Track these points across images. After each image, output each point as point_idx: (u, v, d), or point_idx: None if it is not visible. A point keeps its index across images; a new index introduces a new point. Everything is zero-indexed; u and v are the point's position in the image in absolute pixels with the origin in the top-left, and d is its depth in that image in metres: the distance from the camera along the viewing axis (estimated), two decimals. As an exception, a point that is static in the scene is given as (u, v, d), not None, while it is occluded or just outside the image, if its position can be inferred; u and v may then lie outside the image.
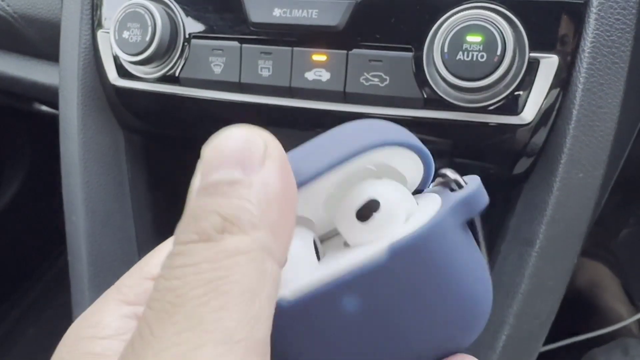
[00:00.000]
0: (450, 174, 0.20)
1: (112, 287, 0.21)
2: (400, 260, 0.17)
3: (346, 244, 0.20)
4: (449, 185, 0.20)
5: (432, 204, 0.19)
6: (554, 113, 0.35)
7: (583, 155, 0.35)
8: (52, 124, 0.74)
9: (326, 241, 0.21)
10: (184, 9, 0.43)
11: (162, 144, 0.52)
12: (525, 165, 0.38)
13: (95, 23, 0.47)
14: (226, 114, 0.43)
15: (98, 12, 0.46)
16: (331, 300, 0.17)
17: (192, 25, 0.43)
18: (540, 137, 0.36)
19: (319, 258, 0.20)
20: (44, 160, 0.96)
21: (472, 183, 0.19)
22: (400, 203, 0.19)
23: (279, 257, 0.16)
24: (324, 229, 0.21)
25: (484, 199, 0.19)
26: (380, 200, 0.18)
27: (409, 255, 0.17)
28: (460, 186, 0.20)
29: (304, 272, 0.18)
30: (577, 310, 0.84)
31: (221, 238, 0.15)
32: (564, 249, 0.36)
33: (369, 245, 0.18)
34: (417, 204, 0.20)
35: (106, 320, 0.19)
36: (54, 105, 0.63)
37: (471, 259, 0.18)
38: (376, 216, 0.18)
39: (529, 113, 0.35)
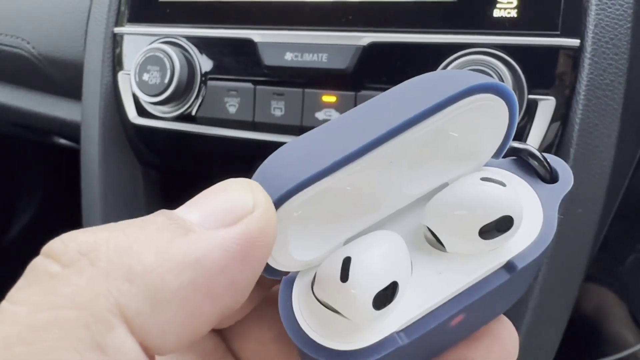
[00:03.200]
0: (535, 151, 0.18)
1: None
2: (517, 275, 0.16)
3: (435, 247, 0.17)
4: (532, 167, 0.18)
5: (532, 202, 0.17)
6: (553, 151, 0.37)
7: (581, 192, 0.37)
8: (66, 155, 0.77)
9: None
10: (200, 53, 0.45)
11: (178, 179, 0.54)
12: (526, 199, 0.40)
13: (115, 65, 0.49)
14: (240, 151, 0.45)
15: (119, 55, 0.49)
16: (443, 326, 0.16)
17: (208, 68, 0.45)
18: (540, 173, 0.38)
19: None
20: (58, 189, 0.98)
21: (565, 173, 0.17)
22: (523, 216, 0.16)
23: (138, 321, 0.12)
24: (392, 205, 0.18)
25: (570, 176, 0.18)
26: (514, 218, 0.16)
27: (526, 269, 0.16)
28: (546, 168, 0.18)
29: (409, 297, 0.16)
30: (583, 337, 0.84)
31: (67, 265, 0.12)
32: (566, 282, 0.38)
33: (484, 259, 0.16)
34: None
35: None
36: (73, 138, 0.65)
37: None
38: (505, 234, 0.16)
39: (529, 151, 0.37)
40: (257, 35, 0.43)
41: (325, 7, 0.42)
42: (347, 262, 0.15)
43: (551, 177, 0.18)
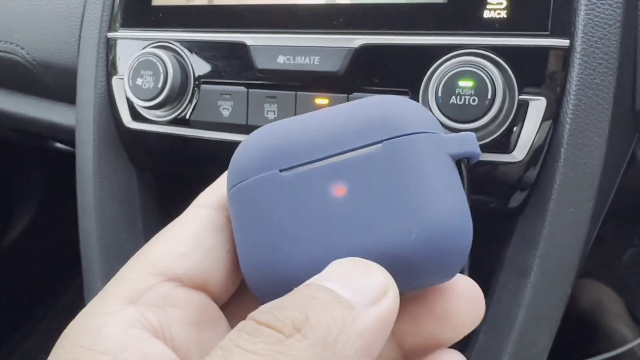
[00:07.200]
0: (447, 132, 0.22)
1: (114, 280, 0.21)
2: (390, 153, 0.20)
3: None
4: None
5: None
6: (544, 151, 0.37)
7: (572, 191, 0.37)
8: (64, 159, 0.77)
9: None
10: (193, 57, 0.45)
11: (173, 182, 0.54)
12: (519, 199, 0.40)
13: (109, 69, 0.49)
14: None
15: (112, 60, 0.49)
16: (323, 180, 0.20)
17: (202, 72, 0.45)
18: (532, 173, 0.38)
19: None
20: (56, 193, 0.98)
21: (466, 132, 0.22)
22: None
23: None
24: None
25: (473, 145, 0.21)
26: None
27: (398, 149, 0.20)
28: None
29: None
30: (580, 332, 0.85)
31: (289, 336, 0.17)
32: (558, 280, 0.38)
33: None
34: None
35: (108, 330, 0.19)
36: (68, 143, 0.66)
37: (451, 184, 0.20)
38: None
39: (520, 151, 0.37)
40: (249, 38, 0.43)
41: (317, 10, 0.42)
42: None
43: None
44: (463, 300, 0.21)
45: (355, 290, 0.18)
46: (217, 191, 0.23)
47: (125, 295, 0.20)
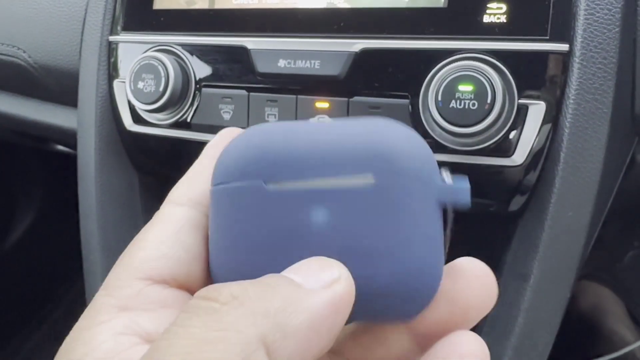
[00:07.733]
0: (444, 172, 0.22)
1: (102, 290, 0.21)
2: (379, 192, 0.20)
3: None
4: None
5: None
6: (544, 155, 0.38)
7: (571, 195, 0.37)
8: (65, 161, 0.77)
9: None
10: (194, 60, 0.46)
11: (174, 185, 0.55)
12: (519, 202, 0.40)
13: (111, 73, 0.50)
14: (235, 157, 0.45)
15: (114, 63, 0.49)
16: (307, 203, 0.20)
17: (203, 75, 0.45)
18: (531, 177, 0.38)
19: None
20: (58, 195, 0.99)
21: (459, 179, 0.21)
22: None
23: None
24: None
25: (466, 196, 0.21)
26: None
27: (387, 190, 0.20)
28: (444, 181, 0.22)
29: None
30: (581, 335, 0.85)
31: (225, 303, 0.16)
32: (558, 284, 0.38)
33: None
34: None
35: (99, 338, 0.19)
36: (70, 145, 0.66)
37: (430, 234, 0.20)
38: None
39: (520, 155, 0.37)
40: (250, 42, 0.43)
41: (317, 14, 0.42)
42: None
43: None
44: (472, 279, 0.21)
45: (307, 277, 0.18)
46: (191, 187, 0.23)
47: (114, 303, 0.20)
